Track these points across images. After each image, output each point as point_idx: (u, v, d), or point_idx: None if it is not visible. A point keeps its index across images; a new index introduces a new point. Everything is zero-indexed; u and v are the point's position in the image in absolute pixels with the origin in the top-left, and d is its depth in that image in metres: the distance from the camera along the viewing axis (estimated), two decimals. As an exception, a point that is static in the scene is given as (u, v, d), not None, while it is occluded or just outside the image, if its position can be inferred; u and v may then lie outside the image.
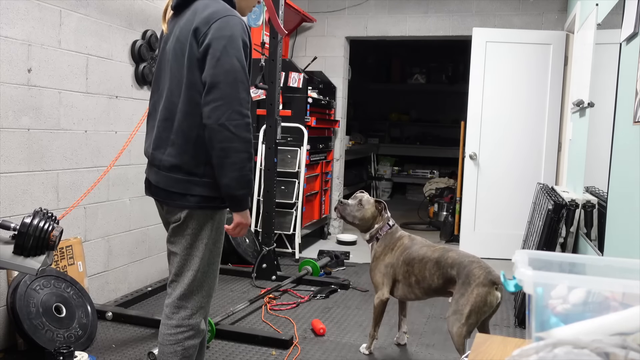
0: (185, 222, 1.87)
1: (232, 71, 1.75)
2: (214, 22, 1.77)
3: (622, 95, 2.65)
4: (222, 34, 1.76)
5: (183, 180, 1.84)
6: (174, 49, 1.85)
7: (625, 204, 2.47)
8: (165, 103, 1.87)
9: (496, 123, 5.20)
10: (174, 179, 1.84)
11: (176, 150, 1.84)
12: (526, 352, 0.87)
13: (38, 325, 2.66)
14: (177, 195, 1.85)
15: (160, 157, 1.87)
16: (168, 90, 1.86)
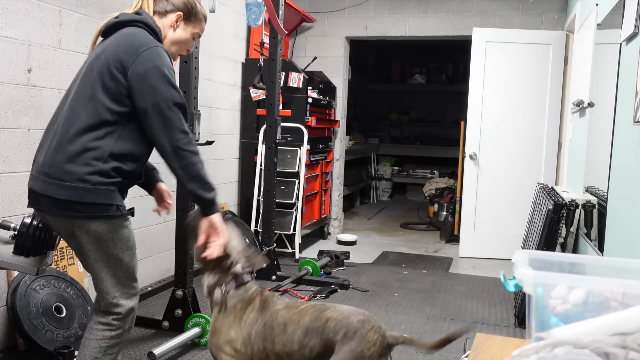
0: None
1: (170, 97, 1.84)
2: (142, 52, 1.85)
3: (622, 95, 2.65)
4: (153, 64, 1.84)
5: (80, 188, 1.83)
6: (90, 65, 1.89)
7: (625, 204, 2.47)
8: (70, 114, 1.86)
9: (496, 123, 5.20)
10: (68, 187, 1.82)
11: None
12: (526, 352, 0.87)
13: (38, 325, 2.66)
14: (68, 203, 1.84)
15: (56, 166, 1.83)
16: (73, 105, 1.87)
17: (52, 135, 1.87)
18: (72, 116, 1.85)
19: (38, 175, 1.85)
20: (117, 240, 1.97)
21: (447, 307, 3.76)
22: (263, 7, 4.05)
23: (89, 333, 1.97)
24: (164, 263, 4.05)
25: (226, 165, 4.91)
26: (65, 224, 1.87)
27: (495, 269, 4.86)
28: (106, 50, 1.89)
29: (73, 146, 1.81)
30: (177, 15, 2.02)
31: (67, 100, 1.90)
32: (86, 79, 1.88)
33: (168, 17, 2.02)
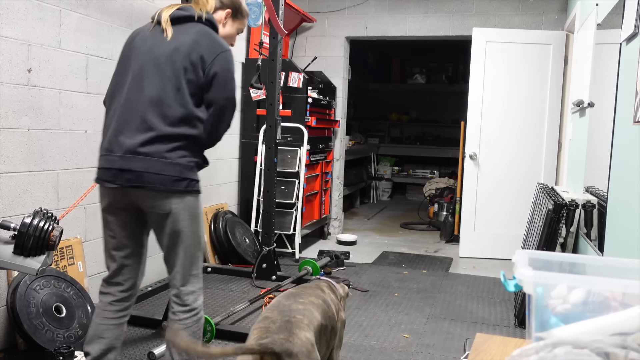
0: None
1: (234, 98, 2.17)
2: (219, 54, 2.08)
3: (622, 95, 2.65)
4: (226, 67, 2.10)
5: (181, 165, 2.06)
6: (172, 59, 2.06)
7: (625, 204, 2.47)
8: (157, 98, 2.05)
9: (496, 123, 5.20)
10: (171, 164, 2.04)
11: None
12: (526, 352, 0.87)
13: (38, 325, 2.66)
14: (171, 178, 2.05)
15: (153, 146, 2.02)
16: (159, 90, 2.05)
17: (140, 120, 2.03)
18: (161, 103, 2.03)
19: (132, 155, 2.01)
20: (200, 216, 2.15)
21: (447, 307, 3.76)
22: (263, 7, 4.05)
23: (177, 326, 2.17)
24: (164, 263, 4.05)
25: (226, 165, 4.90)
26: (163, 201, 2.03)
27: (495, 269, 4.86)
28: (185, 45, 2.06)
29: (168, 129, 2.01)
30: (226, 13, 2.24)
31: (147, 85, 2.06)
32: (167, 68, 2.05)
33: (217, 13, 2.23)
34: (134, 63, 2.10)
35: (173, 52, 2.05)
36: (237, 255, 4.47)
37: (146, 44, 2.11)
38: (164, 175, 2.00)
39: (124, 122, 2.05)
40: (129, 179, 2.02)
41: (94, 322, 2.18)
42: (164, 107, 2.02)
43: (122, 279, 2.20)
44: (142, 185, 2.01)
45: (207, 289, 3.95)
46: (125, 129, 2.04)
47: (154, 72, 2.05)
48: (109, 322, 2.17)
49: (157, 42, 2.09)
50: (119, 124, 2.06)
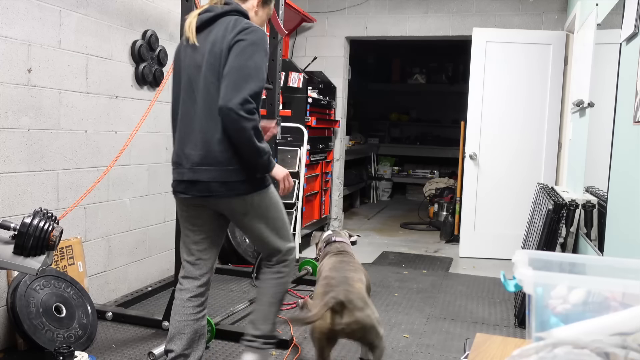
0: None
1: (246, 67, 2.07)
2: (243, 30, 2.11)
3: (622, 95, 2.65)
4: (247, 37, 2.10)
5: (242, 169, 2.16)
6: (209, 62, 2.12)
7: (625, 204, 2.47)
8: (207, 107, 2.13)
9: (496, 123, 5.20)
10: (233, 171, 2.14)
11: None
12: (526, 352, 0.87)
13: (38, 325, 2.66)
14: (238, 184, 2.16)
15: (215, 156, 2.12)
16: (207, 96, 2.13)
17: (198, 131, 2.15)
18: (212, 110, 2.11)
19: (198, 167, 2.14)
20: (275, 203, 2.30)
21: (447, 307, 3.76)
22: (263, 7, 4.04)
23: (267, 284, 2.40)
24: (164, 263, 4.06)
25: (226, 165, 4.90)
26: (237, 203, 2.19)
27: (495, 269, 4.86)
28: (217, 44, 2.12)
29: (224, 136, 2.10)
30: (258, 1, 2.31)
31: (197, 95, 2.15)
32: (209, 73, 2.12)
33: (248, 2, 2.30)
34: (183, 76, 2.22)
35: (209, 56, 2.13)
36: (237, 255, 4.47)
37: (187, 54, 2.22)
38: (230, 182, 2.14)
39: (186, 135, 2.19)
40: (200, 189, 2.17)
41: (174, 319, 2.30)
42: (215, 116, 2.10)
43: (198, 273, 2.33)
44: (212, 194, 2.16)
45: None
46: (188, 141, 2.18)
47: (199, 81, 2.15)
48: (188, 317, 2.29)
49: (195, 49, 2.19)
50: (182, 137, 2.21)
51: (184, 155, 2.18)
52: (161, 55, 3.78)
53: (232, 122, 2.04)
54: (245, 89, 2.03)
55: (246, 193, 2.18)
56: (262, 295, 2.40)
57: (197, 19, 2.21)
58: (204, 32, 2.19)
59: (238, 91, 2.02)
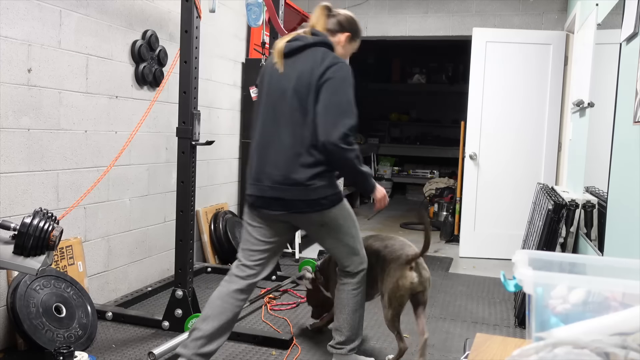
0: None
1: (341, 103, 2.28)
2: (333, 65, 2.29)
3: (622, 95, 2.65)
4: (339, 75, 2.28)
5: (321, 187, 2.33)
6: (295, 89, 2.31)
7: (625, 204, 2.47)
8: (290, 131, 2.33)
9: (496, 123, 5.20)
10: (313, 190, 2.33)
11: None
12: (526, 352, 0.87)
13: (38, 325, 2.66)
14: (318, 201, 2.34)
15: (296, 177, 2.31)
16: (291, 122, 2.32)
17: (281, 152, 2.33)
18: (295, 136, 2.31)
19: (280, 186, 2.33)
20: (349, 215, 2.48)
21: (447, 307, 3.76)
22: (263, 7, 4.05)
23: (346, 295, 2.56)
24: (164, 263, 4.06)
25: (226, 165, 4.91)
26: (317, 217, 2.37)
27: (495, 269, 4.86)
28: (305, 74, 2.31)
29: (305, 159, 2.30)
30: (346, 36, 2.47)
31: (281, 119, 2.35)
32: (296, 101, 2.31)
33: (337, 36, 2.45)
34: (267, 98, 2.40)
35: (296, 84, 2.31)
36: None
37: (273, 78, 2.39)
38: (310, 200, 2.33)
39: (267, 154, 2.37)
40: (283, 205, 2.35)
41: (215, 303, 2.43)
42: (299, 141, 2.30)
43: (252, 274, 2.50)
44: (296, 211, 2.35)
45: (207, 289, 3.95)
46: (268, 161, 2.36)
47: (284, 106, 2.33)
48: (229, 307, 2.43)
49: (281, 76, 2.37)
50: (263, 156, 2.38)
51: (264, 174, 2.37)
52: (161, 55, 3.78)
53: (336, 155, 2.26)
54: (343, 124, 2.24)
55: (326, 209, 2.36)
56: (344, 306, 2.56)
57: (285, 45, 2.38)
58: (291, 59, 2.36)
59: (337, 127, 2.23)
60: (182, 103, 2.94)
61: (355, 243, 2.53)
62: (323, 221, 2.41)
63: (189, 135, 2.93)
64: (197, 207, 4.40)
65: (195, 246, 4.35)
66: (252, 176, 2.42)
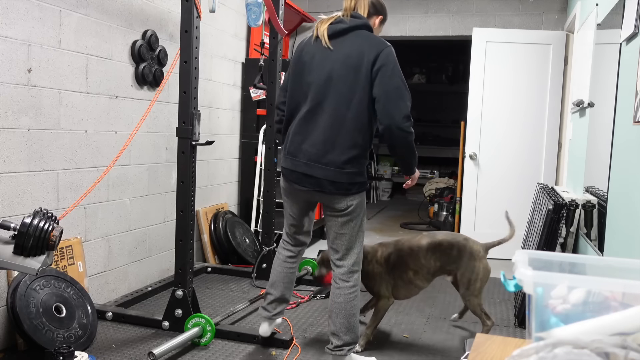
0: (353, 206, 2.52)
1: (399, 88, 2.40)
2: (382, 51, 2.39)
3: (622, 95, 2.65)
4: (390, 59, 2.39)
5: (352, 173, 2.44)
6: (342, 73, 2.39)
7: (625, 204, 2.47)
8: (333, 111, 2.42)
9: (496, 123, 5.20)
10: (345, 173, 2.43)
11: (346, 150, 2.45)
12: (526, 352, 0.87)
13: (38, 325, 2.66)
14: (346, 184, 2.44)
15: (331, 157, 2.42)
16: (336, 104, 2.41)
17: (321, 132, 2.43)
18: (337, 117, 2.40)
19: (314, 164, 2.44)
20: (365, 211, 2.58)
21: (447, 307, 3.76)
22: (263, 7, 4.05)
23: (343, 299, 2.56)
24: (164, 263, 4.06)
25: (226, 165, 4.91)
26: (340, 200, 2.47)
27: (495, 269, 4.85)
28: (353, 56, 2.39)
29: (344, 141, 2.41)
30: (379, 19, 2.56)
31: (324, 100, 2.43)
32: (342, 83, 2.39)
33: (372, 18, 2.55)
34: (310, 78, 2.46)
35: (343, 66, 2.39)
36: (237, 255, 4.47)
37: (315, 59, 2.46)
38: (339, 183, 2.43)
39: (307, 132, 2.47)
40: (311, 183, 2.47)
41: (276, 270, 2.79)
42: (340, 122, 2.40)
43: (295, 241, 2.79)
44: (321, 190, 2.46)
45: (207, 288, 3.95)
46: (307, 139, 2.46)
47: (329, 88, 2.41)
48: (286, 270, 2.78)
49: (326, 57, 2.44)
50: (302, 133, 2.48)
51: (301, 150, 2.48)
52: (161, 55, 3.78)
53: (400, 137, 2.39)
54: (405, 107, 2.40)
55: (349, 194, 2.47)
56: (341, 311, 2.58)
57: (329, 28, 2.45)
58: (336, 41, 2.44)
59: (400, 110, 2.38)
60: (182, 103, 2.94)
61: (360, 238, 2.59)
62: (345, 206, 2.48)
63: (189, 135, 2.93)
64: (197, 207, 4.40)
65: (195, 246, 4.35)
66: (289, 150, 2.54)
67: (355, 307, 2.58)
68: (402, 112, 2.38)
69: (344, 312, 2.56)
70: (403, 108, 2.39)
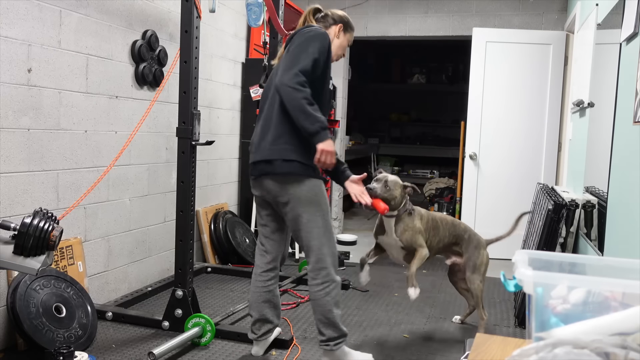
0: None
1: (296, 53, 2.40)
2: (303, 30, 2.50)
3: (622, 95, 2.65)
4: (303, 37, 2.45)
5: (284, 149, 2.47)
6: (275, 70, 2.55)
7: (625, 204, 2.47)
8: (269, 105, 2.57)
9: (496, 123, 5.20)
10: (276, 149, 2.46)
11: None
12: (526, 352, 0.87)
13: (38, 325, 2.66)
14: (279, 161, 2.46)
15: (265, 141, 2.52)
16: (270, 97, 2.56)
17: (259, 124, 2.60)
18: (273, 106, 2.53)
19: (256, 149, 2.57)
20: (317, 203, 2.54)
21: (447, 307, 3.76)
22: (263, 7, 4.05)
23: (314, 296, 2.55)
24: (164, 263, 4.06)
25: (226, 165, 4.91)
26: (276, 184, 2.48)
27: (495, 269, 4.84)
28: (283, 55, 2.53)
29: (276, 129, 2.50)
30: (338, 27, 2.69)
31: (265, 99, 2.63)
32: (272, 80, 2.53)
33: (331, 28, 2.67)
34: (265, 88, 2.67)
35: (275, 66, 2.60)
36: (237, 255, 4.47)
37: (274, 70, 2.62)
38: (273, 160, 2.47)
39: (256, 128, 2.64)
40: (255, 170, 2.56)
41: (251, 287, 2.75)
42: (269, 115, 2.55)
43: (266, 248, 2.71)
44: (262, 174, 2.52)
45: (207, 288, 3.95)
46: (255, 132, 2.64)
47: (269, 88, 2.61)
48: (259, 289, 2.70)
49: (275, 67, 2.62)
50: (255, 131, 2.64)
51: (252, 144, 2.59)
52: (161, 55, 3.78)
53: (286, 95, 2.34)
54: (295, 67, 2.34)
55: (288, 182, 2.44)
56: (315, 307, 2.58)
57: (284, 46, 2.58)
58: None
59: (289, 71, 2.34)
60: (182, 103, 2.94)
61: (317, 234, 2.50)
62: (287, 199, 2.46)
63: (189, 135, 2.93)
64: (197, 207, 4.40)
65: (195, 246, 4.35)
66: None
67: (329, 303, 2.54)
68: (291, 72, 2.34)
69: (318, 309, 2.56)
70: (293, 68, 2.35)
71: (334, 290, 2.56)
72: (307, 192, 2.47)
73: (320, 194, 2.52)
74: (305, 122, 2.34)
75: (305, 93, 2.32)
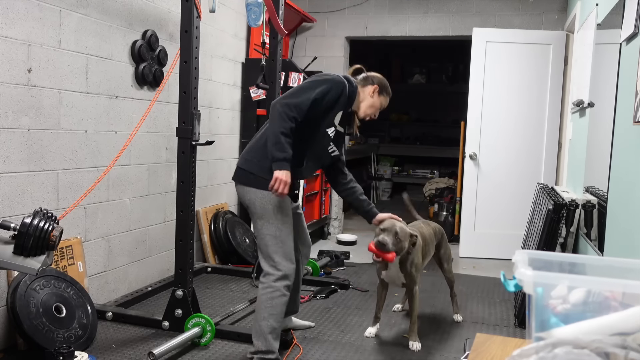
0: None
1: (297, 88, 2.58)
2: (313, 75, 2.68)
3: (622, 95, 2.65)
4: (312, 78, 2.62)
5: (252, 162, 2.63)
6: None
7: (625, 204, 2.47)
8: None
9: (496, 123, 5.20)
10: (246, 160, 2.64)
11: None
12: (526, 352, 0.87)
13: (38, 325, 2.66)
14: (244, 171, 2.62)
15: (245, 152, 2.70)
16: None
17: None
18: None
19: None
20: (269, 215, 2.60)
21: (447, 307, 3.76)
22: (263, 7, 4.05)
23: (259, 294, 2.60)
24: (164, 263, 4.06)
25: (226, 165, 4.90)
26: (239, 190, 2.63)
27: (495, 269, 4.86)
28: None
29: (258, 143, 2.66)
30: (374, 87, 2.78)
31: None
32: None
33: (367, 87, 2.78)
34: None
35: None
36: (237, 255, 4.47)
37: None
38: (240, 168, 2.63)
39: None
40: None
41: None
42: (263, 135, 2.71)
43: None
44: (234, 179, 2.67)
45: (207, 288, 3.95)
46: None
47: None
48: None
49: None
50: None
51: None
52: (161, 55, 3.78)
53: (272, 112, 2.47)
54: (287, 98, 2.49)
55: (247, 185, 2.58)
56: (257, 309, 2.61)
57: None
58: None
59: (282, 98, 2.50)
60: (182, 103, 2.94)
61: (265, 242, 2.58)
62: (247, 201, 2.60)
63: (189, 135, 2.93)
64: (197, 207, 4.40)
65: (195, 246, 4.35)
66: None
67: (264, 310, 2.55)
68: (288, 100, 2.48)
69: (256, 315, 2.60)
70: (293, 98, 2.49)
71: (275, 300, 2.55)
72: (259, 201, 2.56)
73: (272, 206, 2.55)
74: (273, 148, 2.45)
75: (288, 125, 2.44)
